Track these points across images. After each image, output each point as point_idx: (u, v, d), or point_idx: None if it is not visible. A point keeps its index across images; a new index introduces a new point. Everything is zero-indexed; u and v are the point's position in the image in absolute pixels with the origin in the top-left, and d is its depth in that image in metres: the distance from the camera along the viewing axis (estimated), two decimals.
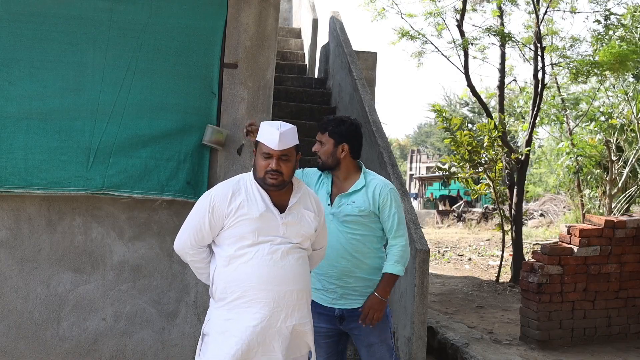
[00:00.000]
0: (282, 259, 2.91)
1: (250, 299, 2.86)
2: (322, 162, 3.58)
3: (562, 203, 20.05)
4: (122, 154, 4.35)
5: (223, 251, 2.95)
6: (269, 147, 2.90)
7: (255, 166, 2.98)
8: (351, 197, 3.46)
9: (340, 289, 3.42)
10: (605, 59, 10.34)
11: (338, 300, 3.43)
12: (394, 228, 3.46)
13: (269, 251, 2.89)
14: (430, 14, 11.22)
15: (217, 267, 2.96)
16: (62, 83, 4.29)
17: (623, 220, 6.58)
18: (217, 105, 4.57)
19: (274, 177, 2.92)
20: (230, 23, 4.62)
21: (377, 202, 3.44)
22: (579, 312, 6.41)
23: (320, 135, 3.58)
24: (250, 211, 2.90)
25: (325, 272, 3.43)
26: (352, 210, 3.43)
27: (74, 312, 4.43)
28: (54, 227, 4.41)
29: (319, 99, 8.94)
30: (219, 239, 2.98)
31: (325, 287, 3.45)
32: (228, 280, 2.89)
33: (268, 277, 2.86)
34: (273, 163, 2.91)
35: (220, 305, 2.93)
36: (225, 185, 3.00)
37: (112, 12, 4.39)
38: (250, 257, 2.88)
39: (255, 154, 2.99)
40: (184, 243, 3.01)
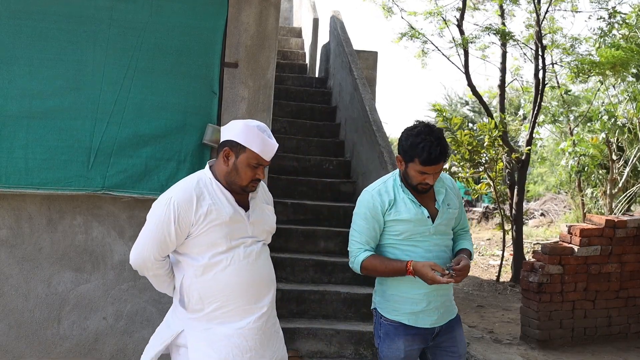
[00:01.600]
0: (257, 260, 2.79)
1: (233, 307, 2.73)
2: (429, 187, 3.09)
3: (562, 202, 20.02)
4: (122, 154, 4.35)
5: (193, 260, 2.73)
6: (263, 159, 2.73)
7: (237, 173, 2.73)
8: (447, 201, 3.18)
9: (444, 303, 3.17)
10: (605, 60, 10.34)
11: (442, 317, 3.16)
12: (466, 221, 3.33)
13: (244, 255, 2.74)
14: (431, 13, 11.23)
15: (188, 277, 2.75)
16: (62, 82, 4.29)
17: (624, 220, 6.58)
18: (217, 105, 4.57)
19: (256, 185, 2.80)
20: (231, 22, 4.62)
21: (458, 196, 3.26)
22: (580, 312, 6.41)
23: (442, 164, 3.07)
24: (219, 216, 2.70)
25: (433, 290, 3.09)
26: (452, 214, 3.18)
27: (74, 311, 4.44)
28: (55, 226, 4.41)
29: (320, 98, 8.94)
30: (184, 247, 2.74)
31: (431, 307, 3.12)
32: (204, 291, 2.72)
33: (248, 282, 2.74)
34: (261, 172, 2.76)
35: (196, 317, 2.75)
36: (185, 190, 2.72)
37: (112, 10, 4.39)
38: (226, 264, 2.71)
39: (235, 158, 2.73)
40: (146, 258, 2.74)
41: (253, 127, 2.72)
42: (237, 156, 2.72)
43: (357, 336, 5.17)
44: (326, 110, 8.60)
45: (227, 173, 2.75)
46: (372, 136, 6.45)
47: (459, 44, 10.87)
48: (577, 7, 11.47)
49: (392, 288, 3.17)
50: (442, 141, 3.02)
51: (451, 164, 10.85)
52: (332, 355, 5.13)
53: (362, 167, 6.91)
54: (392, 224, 3.11)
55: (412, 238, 3.09)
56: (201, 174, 2.81)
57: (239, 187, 2.76)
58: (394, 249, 3.14)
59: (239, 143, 2.71)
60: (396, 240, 3.13)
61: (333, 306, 5.51)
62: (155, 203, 2.78)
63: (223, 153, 2.75)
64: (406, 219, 3.08)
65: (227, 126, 2.80)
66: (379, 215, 3.12)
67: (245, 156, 2.71)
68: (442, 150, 2.99)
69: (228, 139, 2.74)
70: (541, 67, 10.60)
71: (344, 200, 6.95)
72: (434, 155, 2.96)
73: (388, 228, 3.13)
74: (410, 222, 3.08)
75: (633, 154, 12.53)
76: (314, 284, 5.75)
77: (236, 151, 2.72)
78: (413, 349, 3.14)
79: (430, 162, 2.98)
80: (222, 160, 2.76)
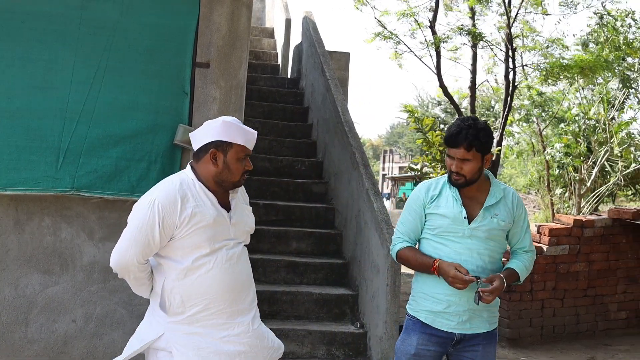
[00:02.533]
0: (238, 262, 2.78)
1: (215, 310, 2.70)
2: (466, 180, 3.07)
3: (532, 202, 20.28)
4: (92, 154, 4.30)
5: (175, 263, 2.69)
6: (247, 149, 2.74)
7: (229, 170, 2.72)
8: (494, 210, 3.11)
9: (469, 312, 3.06)
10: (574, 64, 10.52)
11: (463, 325, 3.08)
12: (527, 241, 3.21)
13: (227, 257, 2.72)
14: (403, 14, 11.29)
15: (169, 280, 2.70)
16: (30, 81, 4.23)
17: (591, 220, 6.69)
18: (188, 105, 4.54)
19: (245, 177, 2.81)
20: (203, 22, 4.59)
21: (514, 213, 3.14)
22: (549, 311, 6.50)
23: (465, 153, 3.02)
24: (204, 218, 2.66)
25: (456, 293, 3.03)
26: (497, 225, 3.09)
27: (42, 313, 4.37)
28: (22, 228, 4.34)
29: (292, 99, 8.94)
30: (166, 250, 2.70)
31: (451, 310, 3.06)
32: (186, 294, 2.68)
33: (230, 285, 2.73)
34: (248, 163, 2.78)
35: (177, 320, 2.70)
36: (168, 191, 2.66)
37: (82, 9, 4.33)
38: (209, 267, 2.68)
39: (224, 156, 2.72)
40: (128, 261, 2.66)
41: (231, 122, 2.74)
42: (226, 154, 2.71)
43: (329, 337, 5.18)
44: (298, 111, 8.60)
45: (217, 173, 2.73)
46: (344, 137, 6.47)
47: (431, 45, 10.95)
48: (547, 10, 11.63)
49: (419, 284, 3.19)
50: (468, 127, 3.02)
51: (423, 164, 10.93)
52: (305, 356, 5.13)
53: (334, 168, 6.92)
54: (430, 217, 3.14)
55: (444, 235, 3.09)
56: (183, 175, 2.77)
57: (231, 183, 2.76)
58: (426, 242, 3.17)
59: (224, 141, 2.71)
60: (430, 235, 3.15)
61: (305, 307, 5.51)
62: (136, 205, 2.71)
63: (210, 155, 2.71)
64: (443, 213, 3.09)
65: (203, 129, 2.77)
66: (420, 208, 3.16)
67: (234, 151, 2.71)
68: (459, 132, 3.01)
69: (211, 140, 2.72)
70: (511, 69, 10.73)
71: (316, 201, 6.95)
72: (451, 133, 3.04)
73: (427, 222, 3.16)
74: (447, 218, 3.08)
75: (601, 155, 12.73)
76: (286, 285, 5.74)
77: (223, 149, 2.71)
78: (428, 349, 3.11)
79: (447, 140, 3.07)
80: (210, 162, 2.72)
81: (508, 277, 3.09)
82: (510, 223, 3.13)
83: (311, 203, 6.86)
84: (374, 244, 5.23)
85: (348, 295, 5.63)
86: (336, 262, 6.07)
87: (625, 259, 6.85)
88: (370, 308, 5.25)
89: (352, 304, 5.61)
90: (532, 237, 3.29)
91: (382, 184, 52.61)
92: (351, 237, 6.05)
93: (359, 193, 5.81)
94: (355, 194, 5.95)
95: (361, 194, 5.74)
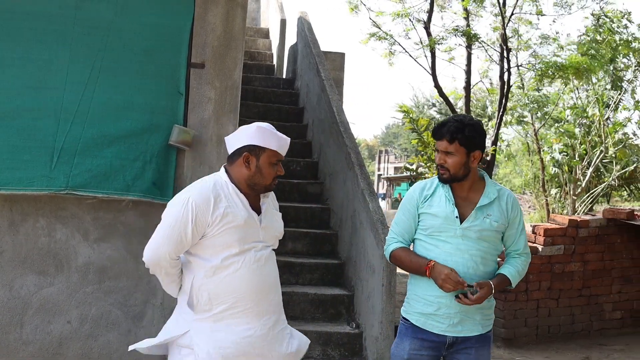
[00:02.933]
0: (265, 265, 2.85)
1: (241, 309, 2.77)
2: (450, 175, 3.07)
3: (527, 203, 20.31)
4: (86, 154, 4.29)
5: (205, 261, 2.77)
6: (280, 154, 2.86)
7: (261, 174, 2.81)
8: (487, 210, 3.08)
9: (461, 314, 3.03)
10: (569, 65, 10.54)
11: (454, 327, 3.05)
12: (522, 244, 3.18)
13: (255, 259, 2.80)
14: (398, 14, 11.30)
15: (198, 278, 2.78)
16: (25, 81, 4.22)
17: (586, 220, 6.71)
18: (183, 105, 4.53)
19: (277, 181, 2.91)
20: (198, 22, 4.59)
21: (509, 215, 3.11)
22: (544, 311, 6.51)
23: (447, 145, 3.05)
24: (235, 219, 2.75)
25: (446, 295, 3.01)
26: (490, 225, 3.05)
27: (37, 315, 4.36)
28: (17, 229, 4.33)
29: (287, 99, 8.93)
30: (197, 248, 2.79)
31: (441, 312, 3.05)
32: (214, 291, 2.75)
33: (257, 286, 2.80)
34: (280, 169, 2.89)
35: (203, 317, 2.77)
36: (202, 191, 2.77)
37: (77, 9, 4.33)
38: (237, 266, 2.75)
39: (257, 160, 2.81)
40: (160, 256, 2.76)
41: (265, 127, 2.84)
42: (258, 158, 2.82)
43: (324, 337, 5.17)
44: (294, 111, 8.60)
45: (250, 176, 2.83)
46: (339, 137, 6.47)
47: (426, 46, 10.96)
48: (542, 10, 11.65)
49: (412, 286, 3.19)
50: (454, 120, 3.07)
51: (418, 164, 10.94)
52: None
53: (329, 168, 6.92)
54: (423, 217, 3.13)
55: (436, 236, 3.08)
56: (217, 177, 2.86)
57: (262, 187, 2.86)
58: (419, 244, 3.16)
59: (257, 145, 2.81)
60: (422, 235, 3.14)
61: (301, 307, 5.51)
62: (171, 202, 2.81)
63: (243, 158, 2.82)
64: (435, 213, 3.08)
65: (238, 133, 2.87)
66: (414, 207, 3.16)
67: (266, 156, 2.82)
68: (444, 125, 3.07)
69: (245, 144, 2.82)
70: (506, 69, 10.75)
71: (311, 201, 6.95)
72: (436, 125, 3.10)
73: (420, 222, 3.15)
74: (439, 217, 3.07)
75: (596, 156, 12.76)
76: (281, 285, 5.72)
77: (256, 153, 2.82)
78: (421, 354, 3.09)
79: (432, 133, 3.13)
80: (243, 165, 2.83)
81: (498, 284, 3.07)
82: (504, 224, 3.10)
83: (306, 203, 6.86)
84: (370, 244, 5.23)
85: (344, 295, 5.63)
86: (332, 262, 6.07)
87: (620, 259, 6.87)
88: (366, 308, 5.25)
89: (348, 305, 5.61)
90: (527, 239, 3.27)
91: (377, 184, 52.64)
92: (347, 238, 6.06)
93: (354, 193, 5.81)
94: (351, 194, 5.95)
95: (356, 194, 5.74)
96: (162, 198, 4.40)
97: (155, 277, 4.42)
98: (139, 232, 4.46)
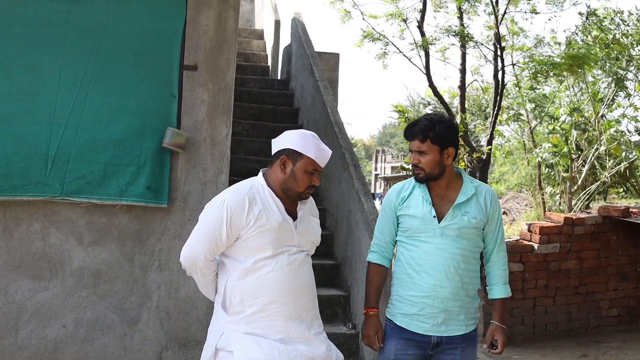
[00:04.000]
0: (299, 268, 2.86)
1: (273, 312, 2.79)
2: (425, 174, 3.09)
3: (524, 201, 20.30)
4: (80, 159, 4.28)
5: (238, 263, 2.82)
6: (319, 165, 2.89)
7: (294, 179, 2.85)
8: (464, 207, 3.09)
9: (444, 313, 3.05)
10: (564, 61, 10.56)
11: (439, 327, 3.06)
12: (498, 240, 3.17)
13: (288, 262, 2.82)
14: (392, 15, 11.31)
15: (231, 280, 2.83)
16: (17, 86, 4.20)
17: (582, 217, 6.72)
18: (177, 108, 4.52)
19: (311, 191, 2.92)
20: (190, 25, 4.58)
21: (488, 212, 3.12)
22: (540, 309, 6.52)
23: (419, 145, 3.07)
24: (269, 221, 2.79)
25: (429, 295, 3.03)
26: (468, 223, 3.06)
27: (33, 319, 4.35)
28: (11, 234, 4.32)
29: (282, 100, 8.93)
30: (231, 250, 2.84)
31: (425, 312, 3.06)
32: (246, 293, 2.79)
33: (289, 289, 2.81)
34: (316, 179, 2.90)
35: (236, 319, 2.81)
36: (238, 193, 2.83)
37: (68, 13, 4.31)
38: (270, 269, 2.78)
39: (293, 165, 2.85)
40: (196, 256, 2.82)
41: (308, 135, 2.90)
42: (295, 163, 2.85)
43: None
44: (288, 112, 8.59)
45: (284, 180, 2.87)
46: (334, 137, 6.47)
47: (420, 46, 10.97)
48: (536, 8, 11.67)
49: (395, 287, 3.21)
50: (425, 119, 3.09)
51: None
52: None
53: (324, 168, 6.89)
54: (402, 219, 3.16)
55: (416, 237, 3.09)
56: (254, 181, 2.92)
57: (295, 193, 2.88)
58: (400, 245, 3.17)
59: (296, 150, 2.85)
60: (403, 237, 3.16)
61: None
62: (208, 204, 2.88)
63: (280, 161, 2.87)
64: (413, 214, 3.10)
65: (281, 137, 2.93)
66: (391, 210, 3.19)
67: (303, 162, 2.85)
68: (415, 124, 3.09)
69: (284, 148, 2.88)
70: (500, 68, 10.77)
71: None
72: (408, 126, 3.12)
73: (400, 224, 3.18)
74: (417, 218, 3.09)
75: (591, 153, 12.77)
76: None
77: (293, 158, 2.85)
78: (407, 354, 3.11)
79: (404, 133, 3.16)
80: (279, 169, 2.88)
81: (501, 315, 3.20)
82: (483, 221, 3.12)
83: None
84: (365, 245, 5.22)
85: (340, 296, 5.63)
86: (327, 262, 6.06)
87: (616, 256, 6.88)
88: (362, 309, 5.24)
89: (344, 305, 5.61)
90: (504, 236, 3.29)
91: (374, 184, 52.68)
92: (342, 238, 6.05)
93: (350, 194, 5.81)
94: (346, 194, 5.95)
95: (352, 195, 5.74)
96: (157, 202, 4.40)
97: (150, 280, 4.45)
98: (133, 235, 4.46)
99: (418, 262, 3.06)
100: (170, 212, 4.52)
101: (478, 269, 3.16)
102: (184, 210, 4.55)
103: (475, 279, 3.15)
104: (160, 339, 4.52)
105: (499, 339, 3.17)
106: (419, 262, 3.06)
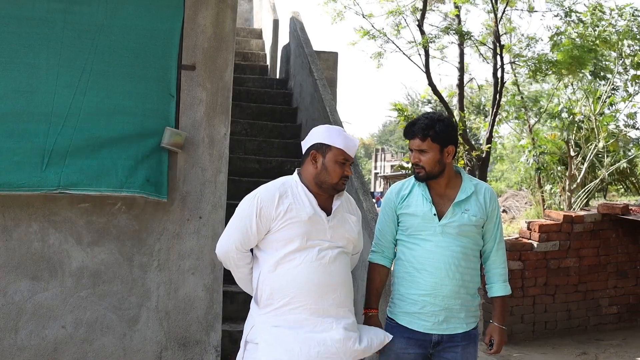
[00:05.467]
0: (330, 263, 2.87)
1: (298, 305, 2.81)
2: (426, 172, 3.09)
3: (524, 199, 20.33)
4: (78, 155, 4.23)
5: (269, 256, 2.89)
6: (348, 155, 2.94)
7: (326, 171, 2.92)
8: (464, 205, 3.09)
9: (445, 311, 3.05)
10: (563, 60, 10.55)
11: (440, 325, 3.06)
12: (497, 239, 3.18)
13: (317, 256, 2.84)
14: (392, 12, 11.31)
15: (263, 273, 2.90)
16: (14, 85, 4.18)
17: (581, 215, 6.72)
18: (175, 108, 4.51)
19: (345, 182, 2.95)
20: (187, 24, 4.57)
21: (487, 209, 3.13)
22: (540, 307, 6.52)
23: (420, 143, 3.08)
24: (299, 214, 2.86)
25: (430, 293, 3.03)
26: (468, 220, 3.07)
27: (32, 320, 4.34)
28: (10, 234, 4.31)
29: (281, 99, 8.93)
30: (264, 243, 2.93)
31: (426, 311, 3.06)
32: (275, 286, 2.84)
33: (316, 283, 2.81)
34: (348, 169, 2.94)
35: (266, 312, 2.87)
36: (270, 188, 2.96)
37: (66, 13, 4.30)
38: (298, 262, 2.82)
39: (323, 158, 2.93)
40: (228, 248, 2.94)
41: (333, 127, 3.02)
42: (324, 156, 2.94)
43: None
44: (287, 112, 8.59)
45: (316, 174, 2.94)
46: None
47: (420, 44, 10.96)
48: (534, 6, 11.67)
49: (396, 286, 3.21)
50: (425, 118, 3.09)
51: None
52: None
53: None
54: (402, 217, 3.17)
55: (416, 235, 3.09)
56: (288, 177, 3.04)
57: (330, 185, 2.94)
58: (401, 244, 3.17)
59: (324, 143, 2.94)
60: (403, 235, 3.17)
61: None
62: (243, 199, 3.00)
63: (310, 156, 2.96)
64: (413, 212, 3.11)
65: (309, 135, 3.03)
66: (392, 210, 3.21)
67: (332, 154, 2.93)
68: (415, 123, 3.09)
69: (313, 143, 2.97)
70: (499, 66, 10.76)
71: None
72: (408, 125, 3.13)
73: (400, 223, 3.19)
74: (417, 216, 3.09)
75: (590, 151, 12.78)
76: None
77: (322, 151, 2.94)
78: (408, 352, 3.10)
79: (404, 133, 3.17)
80: (311, 164, 2.96)
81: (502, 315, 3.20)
82: (482, 218, 3.12)
83: None
84: (364, 244, 5.21)
85: None
86: None
87: (616, 254, 6.89)
88: (361, 309, 5.23)
89: None
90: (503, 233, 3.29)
91: (374, 182, 52.68)
92: None
93: (349, 192, 5.80)
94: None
95: (350, 194, 5.73)
96: (157, 195, 4.36)
97: (150, 280, 4.45)
98: (132, 235, 4.46)
99: (419, 260, 3.06)
100: (169, 211, 4.52)
101: (478, 267, 3.16)
102: (182, 210, 4.54)
103: (476, 276, 3.15)
104: (159, 339, 4.52)
105: (495, 339, 3.17)
106: (419, 261, 3.07)
